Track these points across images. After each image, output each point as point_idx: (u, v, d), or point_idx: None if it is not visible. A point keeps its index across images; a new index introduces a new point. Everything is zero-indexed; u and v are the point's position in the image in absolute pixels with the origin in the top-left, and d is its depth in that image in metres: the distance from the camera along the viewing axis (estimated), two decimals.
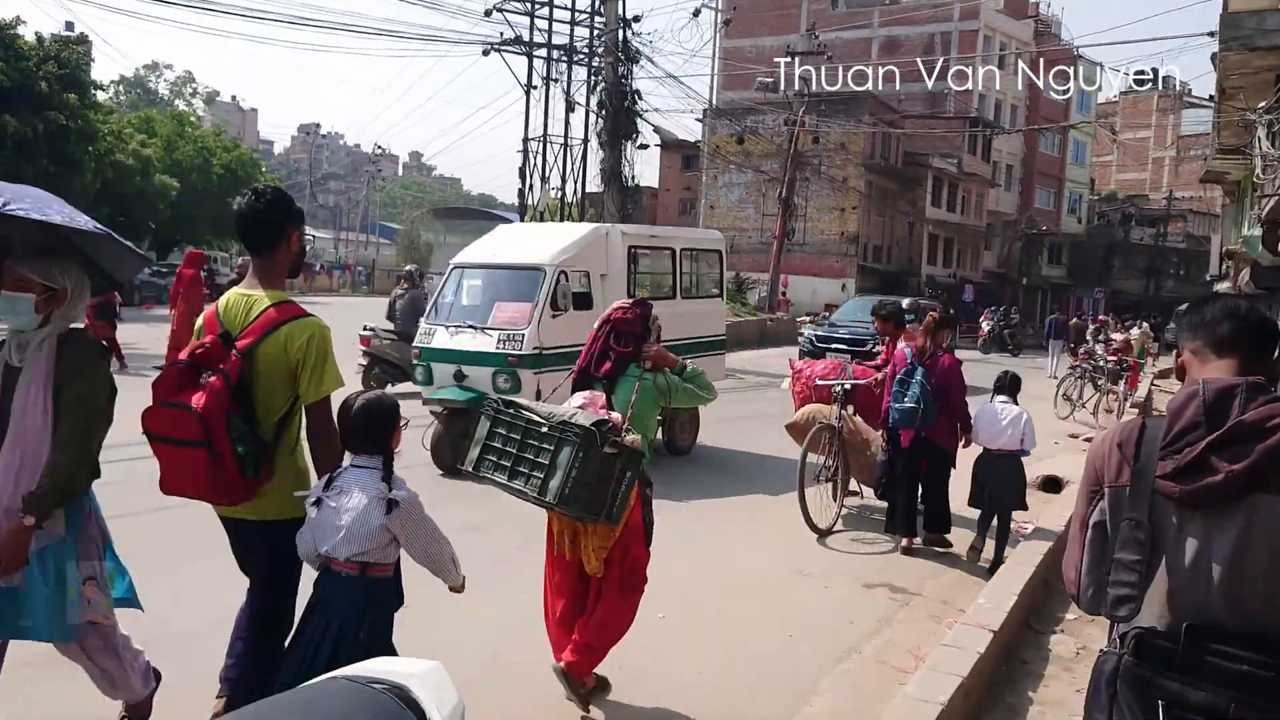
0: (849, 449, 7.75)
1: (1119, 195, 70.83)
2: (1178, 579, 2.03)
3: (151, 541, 5.58)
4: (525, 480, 3.84)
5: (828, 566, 6.58)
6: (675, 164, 54.13)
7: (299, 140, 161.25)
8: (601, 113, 22.66)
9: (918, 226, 48.53)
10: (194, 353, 3.24)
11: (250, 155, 50.69)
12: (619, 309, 4.49)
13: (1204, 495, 2.01)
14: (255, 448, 3.19)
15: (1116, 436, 2.19)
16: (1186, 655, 1.98)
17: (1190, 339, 2.28)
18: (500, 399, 4.17)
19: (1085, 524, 2.21)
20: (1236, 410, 2.03)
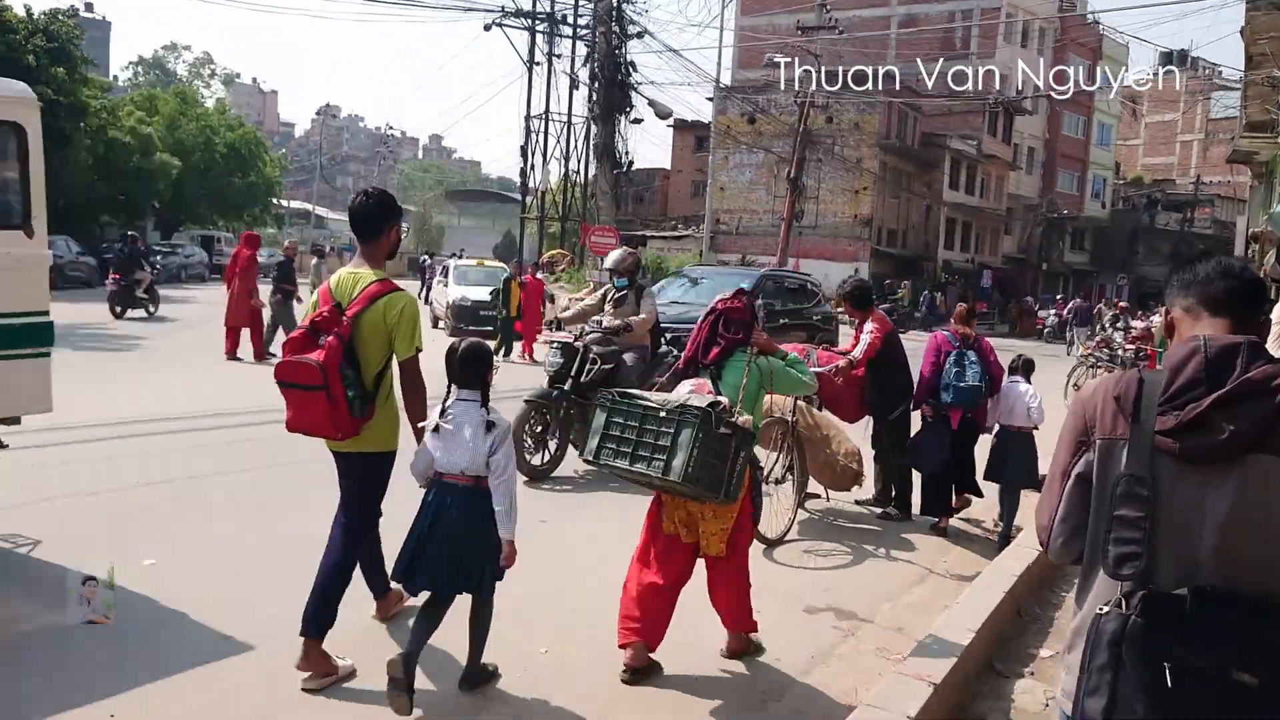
0: (807, 446, 6.79)
1: (1145, 179, 69.05)
2: (1170, 538, 2.03)
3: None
4: (647, 463, 4.07)
5: (766, 585, 5.60)
6: (688, 145, 53.04)
7: (318, 123, 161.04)
8: (594, 86, 21.65)
9: (935, 210, 47.23)
10: (314, 320, 4.02)
11: (255, 134, 49.88)
12: (725, 300, 4.76)
13: (1205, 453, 2.00)
14: (360, 393, 3.97)
15: (1113, 389, 2.15)
16: (1195, 617, 1.94)
17: (1182, 297, 2.24)
18: (615, 391, 4.45)
19: (1066, 474, 2.19)
20: (1240, 369, 2.01)
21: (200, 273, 39.69)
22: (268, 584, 5.05)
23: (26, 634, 4.30)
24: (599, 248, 20.73)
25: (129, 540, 5.62)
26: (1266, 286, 2.29)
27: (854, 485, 6.87)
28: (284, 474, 7.39)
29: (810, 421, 6.81)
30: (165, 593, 4.82)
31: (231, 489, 7.06)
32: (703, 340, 4.68)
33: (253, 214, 50.08)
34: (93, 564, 4.42)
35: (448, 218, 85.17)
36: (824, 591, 5.59)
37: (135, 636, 4.31)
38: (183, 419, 9.53)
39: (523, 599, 4.84)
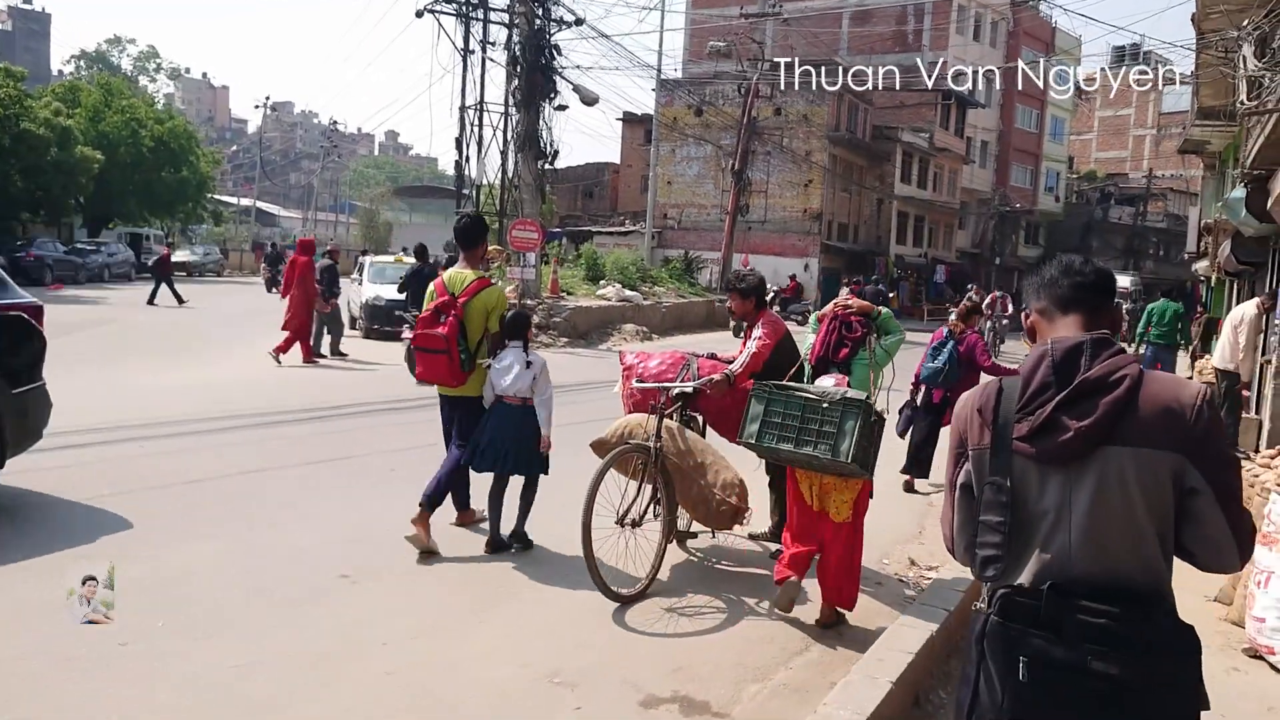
0: (676, 477, 5.59)
1: (1098, 173, 68.81)
2: (1040, 537, 2.09)
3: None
4: (814, 446, 4.71)
5: (600, 664, 4.42)
6: (638, 139, 51.75)
7: (271, 119, 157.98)
8: (514, 70, 20.34)
9: (886, 204, 46.36)
10: (437, 306, 5.94)
11: (185, 127, 47.90)
12: (843, 305, 5.62)
13: (1058, 453, 2.08)
14: (467, 355, 5.88)
15: (976, 401, 2.25)
16: (1049, 612, 2.00)
17: (1036, 299, 2.33)
18: (772, 384, 5.06)
19: (954, 486, 2.29)
20: (1083, 367, 2.10)
21: (125, 272, 37.88)
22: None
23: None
24: (519, 243, 19.46)
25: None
26: (1111, 276, 2.34)
27: (733, 523, 5.67)
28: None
29: (680, 447, 5.61)
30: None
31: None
32: (832, 342, 5.53)
33: (185, 210, 48.16)
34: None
35: (397, 215, 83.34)
36: (673, 672, 4.38)
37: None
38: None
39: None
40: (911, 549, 6.82)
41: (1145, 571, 2.04)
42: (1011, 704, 2.01)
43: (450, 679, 4.16)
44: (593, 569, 5.01)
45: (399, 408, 11.11)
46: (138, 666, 4.02)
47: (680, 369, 6.23)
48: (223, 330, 19.24)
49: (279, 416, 9.96)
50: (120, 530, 5.89)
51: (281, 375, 13.17)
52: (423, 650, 4.42)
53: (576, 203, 56.83)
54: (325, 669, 4.17)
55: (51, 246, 33.74)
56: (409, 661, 4.29)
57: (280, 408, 10.37)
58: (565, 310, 20.81)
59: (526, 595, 5.24)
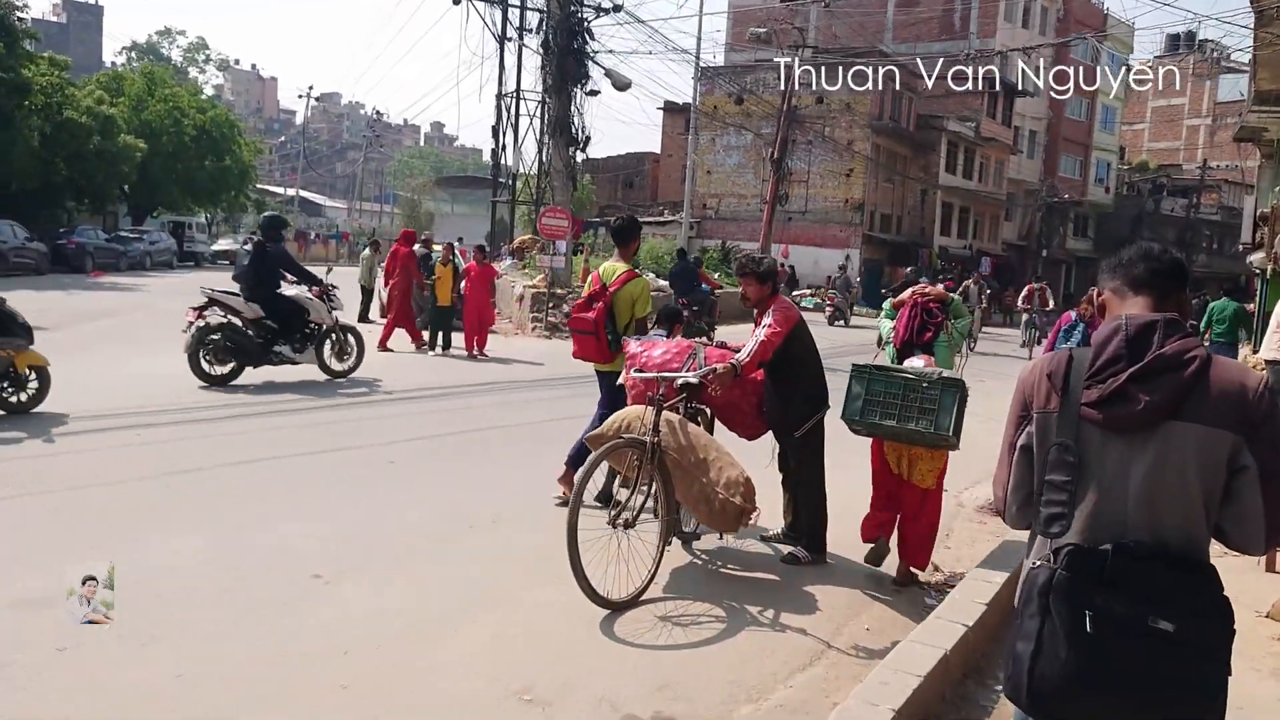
0: (676, 474, 5.19)
1: (1150, 164, 67.10)
2: (1100, 499, 2.21)
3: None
4: (916, 421, 5.18)
5: (578, 679, 4.04)
6: (678, 128, 51.14)
7: (318, 110, 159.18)
8: (546, 54, 19.96)
9: (930, 194, 45.43)
10: (591, 294, 6.70)
11: (227, 116, 48.13)
12: (922, 292, 5.92)
13: (1124, 422, 2.19)
14: (614, 336, 6.58)
15: (1046, 366, 2.34)
16: (1113, 570, 2.11)
17: (1110, 279, 2.43)
18: (871, 365, 5.47)
19: (1013, 447, 2.38)
20: (1156, 344, 2.20)
21: (167, 260, 38.17)
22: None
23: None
24: (549, 230, 19.10)
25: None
26: (1185, 266, 2.42)
27: (738, 524, 5.26)
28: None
29: (681, 442, 5.20)
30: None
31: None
32: (916, 326, 5.79)
33: (227, 199, 48.46)
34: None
35: (439, 205, 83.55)
36: (659, 690, 3.99)
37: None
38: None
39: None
40: (936, 554, 6.36)
41: (1190, 541, 2.16)
42: (1075, 655, 2.12)
43: (409, 693, 3.81)
44: (579, 573, 4.63)
45: (409, 397, 10.82)
46: (67, 677, 3.71)
47: (686, 358, 5.85)
48: None
49: (284, 405, 9.68)
50: (94, 524, 5.61)
51: None
52: (386, 660, 4.06)
53: (616, 193, 56.45)
54: (275, 680, 3.83)
55: (93, 234, 33.97)
56: (368, 672, 3.94)
57: (287, 396, 10.10)
58: None
59: (508, 600, 4.87)
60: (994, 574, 5.13)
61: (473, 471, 7.61)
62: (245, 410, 9.28)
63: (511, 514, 6.34)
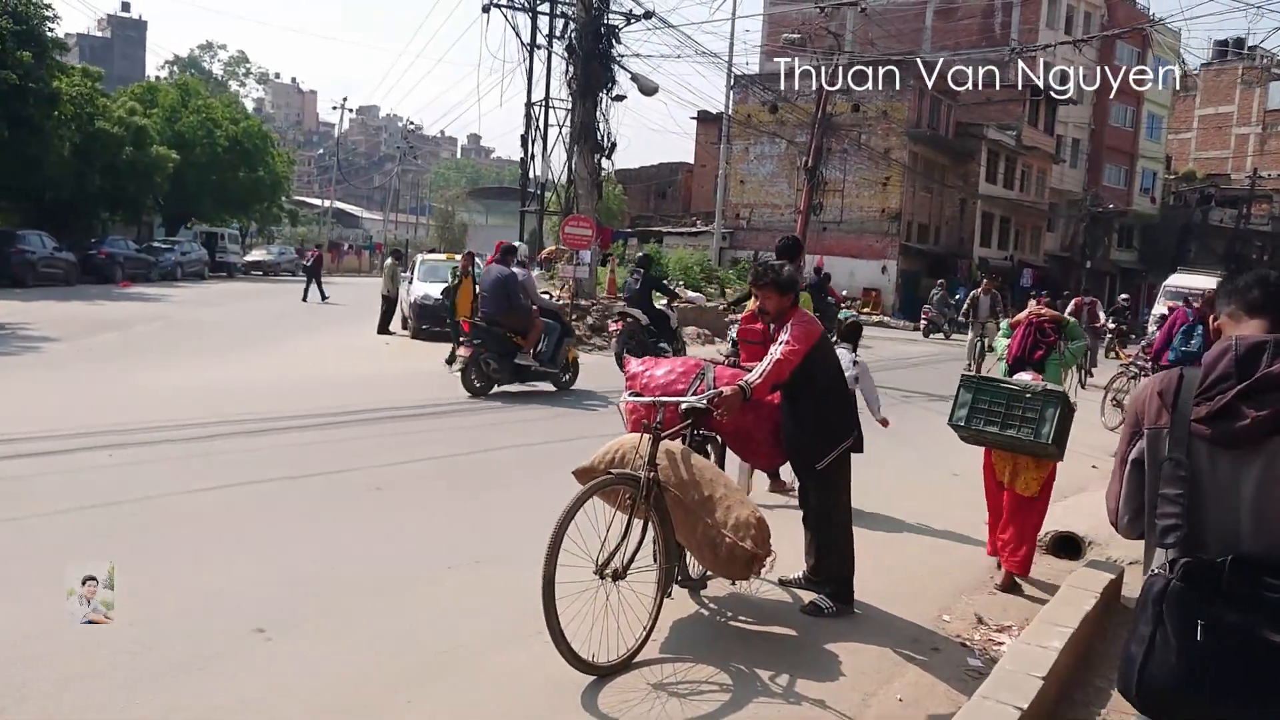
0: (678, 513, 4.49)
1: (1198, 174, 65.40)
2: (1212, 512, 2.26)
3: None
4: (1018, 429, 5.46)
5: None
6: (712, 138, 50.46)
7: (356, 123, 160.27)
8: (571, 59, 19.37)
9: (970, 204, 44.39)
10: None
11: (260, 127, 48.07)
12: (1037, 313, 6.23)
13: (1233, 437, 2.24)
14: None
15: (1158, 385, 2.42)
16: (1230, 582, 2.16)
17: (1226, 304, 2.51)
18: (979, 376, 5.92)
19: (1125, 461, 2.49)
20: (1265, 363, 2.25)
21: (199, 270, 38.08)
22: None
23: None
24: (572, 240, 18.48)
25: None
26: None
27: (748, 572, 4.54)
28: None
29: (683, 476, 4.50)
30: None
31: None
32: (1030, 344, 6.03)
33: (260, 210, 48.43)
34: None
35: (473, 216, 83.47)
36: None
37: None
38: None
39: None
40: (981, 601, 5.61)
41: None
42: (1185, 662, 2.18)
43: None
44: (556, 633, 3.93)
45: (411, 414, 10.18)
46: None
47: (693, 378, 5.15)
48: (265, 330, 18.66)
49: (273, 423, 9.06)
50: (25, 559, 5.00)
51: (298, 377, 12.32)
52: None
53: (649, 203, 55.92)
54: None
55: (123, 244, 33.88)
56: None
57: (281, 413, 9.49)
58: None
59: (474, 665, 4.17)
60: (1050, 633, 4.38)
61: (467, 500, 6.96)
62: (227, 430, 8.67)
63: (500, 552, 5.64)
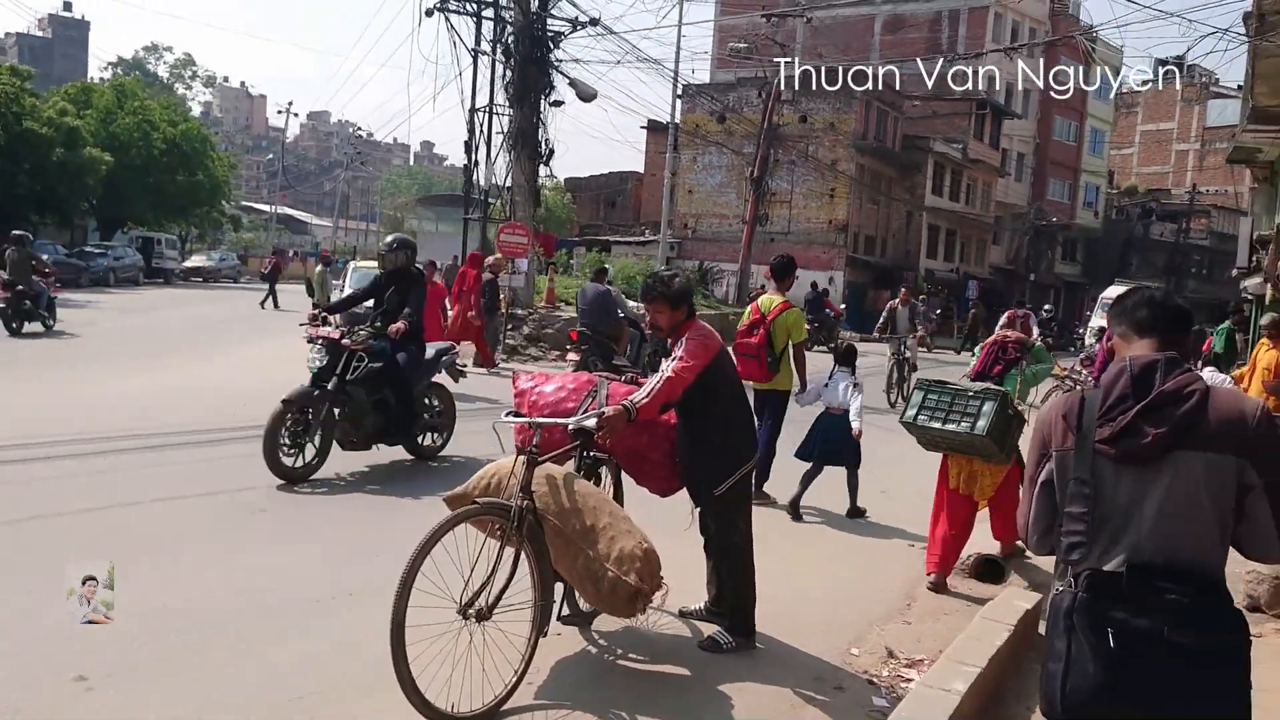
0: (557, 543, 4.12)
1: (1139, 188, 66.48)
2: (1116, 527, 2.38)
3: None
4: (958, 423, 5.87)
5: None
6: (661, 148, 50.25)
7: (307, 128, 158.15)
8: (508, 63, 18.99)
9: (916, 216, 44.59)
10: (750, 322, 7.82)
11: (199, 130, 46.97)
12: (1004, 335, 6.59)
13: (1136, 454, 2.37)
14: (774, 359, 7.70)
15: (1062, 409, 2.55)
16: (1130, 589, 2.30)
17: (1118, 325, 2.64)
18: (931, 380, 6.32)
19: (1034, 482, 2.60)
20: (1159, 381, 2.39)
21: (133, 276, 36.98)
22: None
23: None
24: (508, 247, 18.06)
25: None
26: (1187, 311, 2.65)
27: (632, 609, 4.17)
28: None
29: (564, 504, 4.13)
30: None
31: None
32: (991, 359, 6.41)
33: (200, 214, 47.32)
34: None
35: (422, 224, 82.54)
36: None
37: None
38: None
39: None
40: (893, 631, 5.30)
41: (1205, 559, 2.33)
42: (1101, 670, 2.28)
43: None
44: (407, 682, 3.55)
45: None
46: None
47: (585, 395, 4.79)
48: (192, 338, 18.01)
49: (176, 437, 8.56)
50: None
51: (214, 388, 11.74)
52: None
53: (599, 212, 55.54)
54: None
55: (52, 249, 32.79)
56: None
57: (190, 425, 8.95)
58: (559, 321, 19.41)
59: (334, 713, 3.77)
60: (955, 674, 4.07)
61: (357, 522, 6.52)
62: (116, 446, 8.15)
63: (381, 582, 5.21)
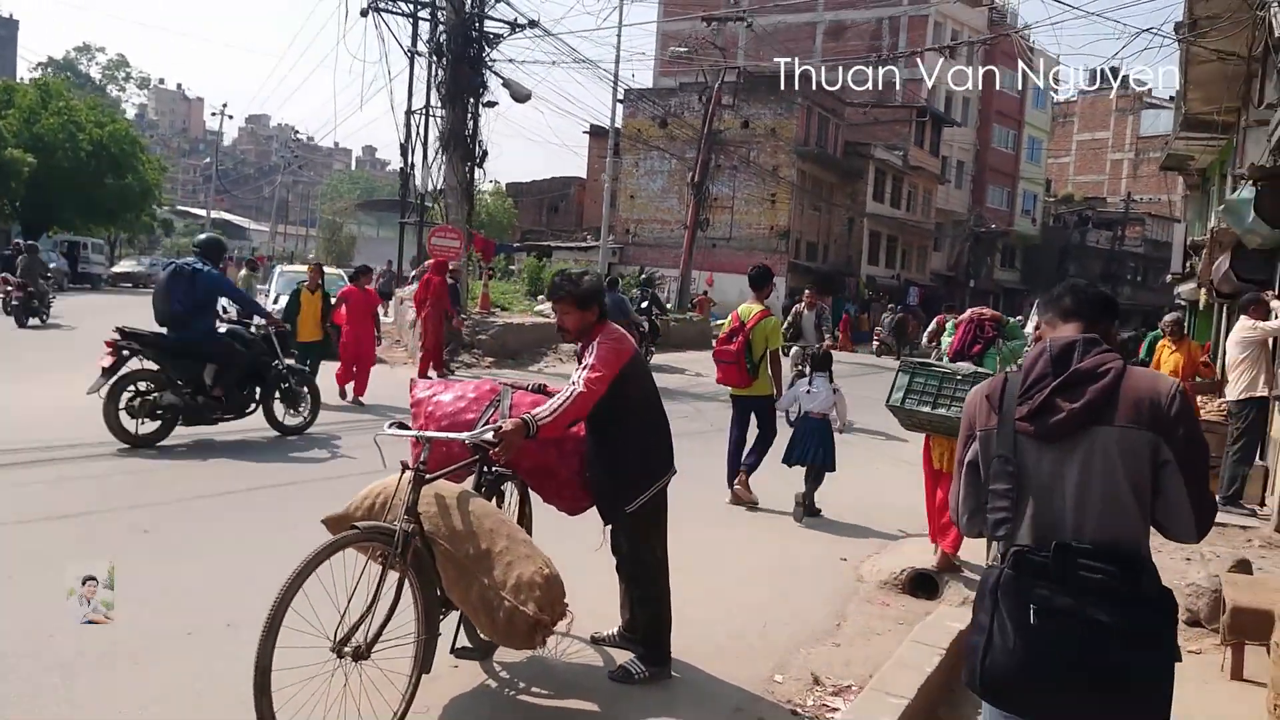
0: (448, 569, 3.73)
1: (1076, 196, 67.60)
2: (1039, 503, 2.44)
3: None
4: (947, 407, 6.04)
5: None
6: (604, 152, 49.97)
7: (246, 132, 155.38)
8: (440, 62, 18.53)
9: (857, 223, 44.76)
10: (731, 329, 8.01)
11: (128, 131, 45.59)
12: (979, 313, 6.94)
13: (1053, 430, 2.43)
14: (752, 365, 7.89)
15: (985, 389, 2.63)
16: (1055, 567, 2.33)
17: (1044, 313, 2.74)
18: (915, 361, 6.65)
19: (962, 464, 2.66)
20: (1076, 359, 2.46)
21: (57, 281, 35.78)
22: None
23: None
24: (439, 251, 17.58)
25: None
26: (1110, 298, 2.73)
27: (532, 641, 3.79)
28: None
29: (455, 526, 3.73)
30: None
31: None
32: (969, 339, 6.75)
33: (128, 219, 45.94)
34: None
35: (362, 228, 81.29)
36: None
37: None
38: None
39: None
40: (820, 655, 4.96)
41: (1127, 535, 2.38)
42: (1023, 644, 2.33)
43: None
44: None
45: (219, 441, 9.12)
46: None
47: (487, 406, 4.40)
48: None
49: (71, 451, 7.98)
50: None
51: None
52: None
53: (542, 217, 55.08)
54: None
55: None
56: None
57: (62, 441, 8.33)
58: (494, 327, 18.94)
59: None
60: (882, 707, 3.75)
61: (242, 547, 6.02)
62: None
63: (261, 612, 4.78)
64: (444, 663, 3.98)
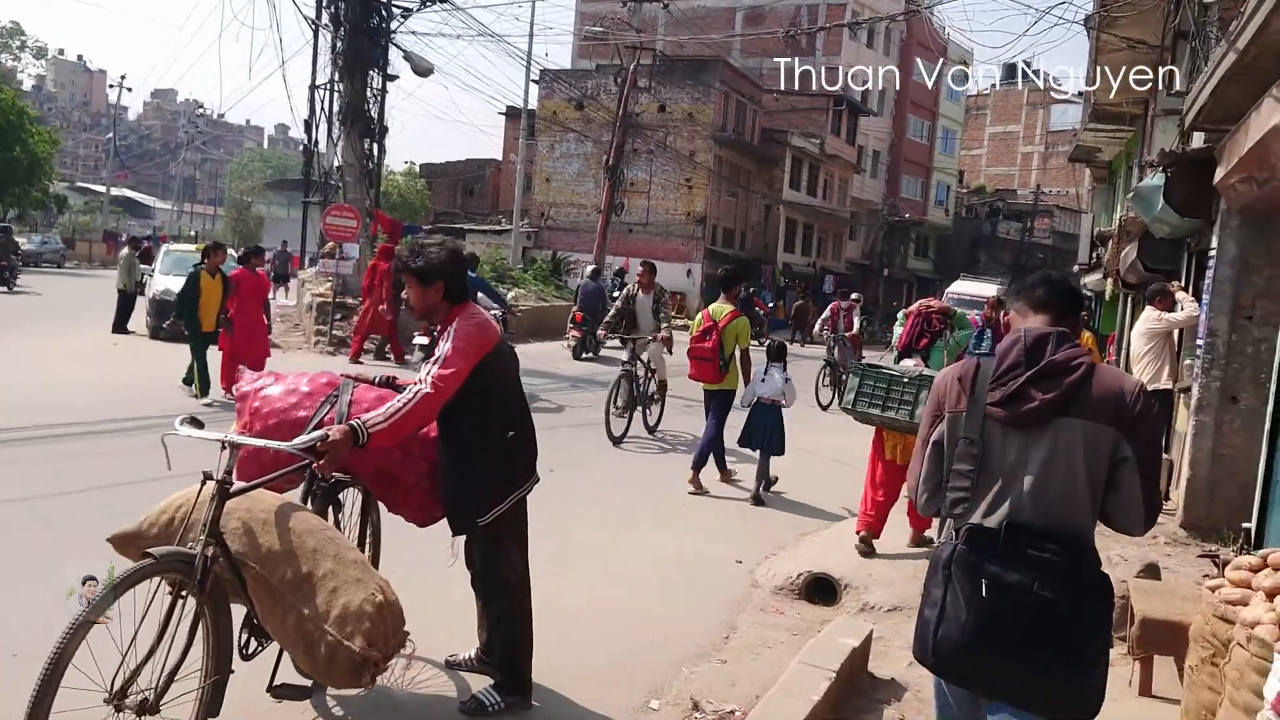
0: (263, 600, 3.18)
1: (988, 188, 68.75)
2: (999, 486, 2.54)
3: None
4: (896, 410, 6.29)
5: None
6: (519, 134, 49.08)
7: (152, 106, 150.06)
8: (337, 32, 17.69)
9: (774, 210, 44.67)
10: (704, 328, 8.53)
11: (14, 101, 43.25)
12: (927, 305, 7.23)
13: (1023, 418, 2.54)
14: (724, 362, 8.44)
15: (957, 372, 2.73)
16: (1005, 546, 2.46)
17: (1015, 301, 2.82)
18: (865, 364, 6.86)
19: (926, 443, 2.75)
20: (1050, 352, 2.57)
21: None
22: None
23: None
24: (334, 231, 16.79)
25: None
26: (1079, 292, 2.83)
27: (357, 679, 3.27)
28: None
29: (271, 546, 3.19)
30: None
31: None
32: (916, 333, 6.94)
33: (16, 194, 43.66)
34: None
35: (271, 209, 79.01)
36: None
37: None
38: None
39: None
40: (703, 674, 4.53)
41: (1076, 522, 2.51)
42: (973, 617, 2.43)
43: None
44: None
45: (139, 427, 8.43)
46: None
47: (321, 403, 3.85)
48: None
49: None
50: None
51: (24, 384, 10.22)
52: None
53: (456, 200, 53.97)
54: None
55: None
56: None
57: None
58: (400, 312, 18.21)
59: None
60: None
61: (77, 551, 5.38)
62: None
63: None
64: (260, 700, 3.44)
